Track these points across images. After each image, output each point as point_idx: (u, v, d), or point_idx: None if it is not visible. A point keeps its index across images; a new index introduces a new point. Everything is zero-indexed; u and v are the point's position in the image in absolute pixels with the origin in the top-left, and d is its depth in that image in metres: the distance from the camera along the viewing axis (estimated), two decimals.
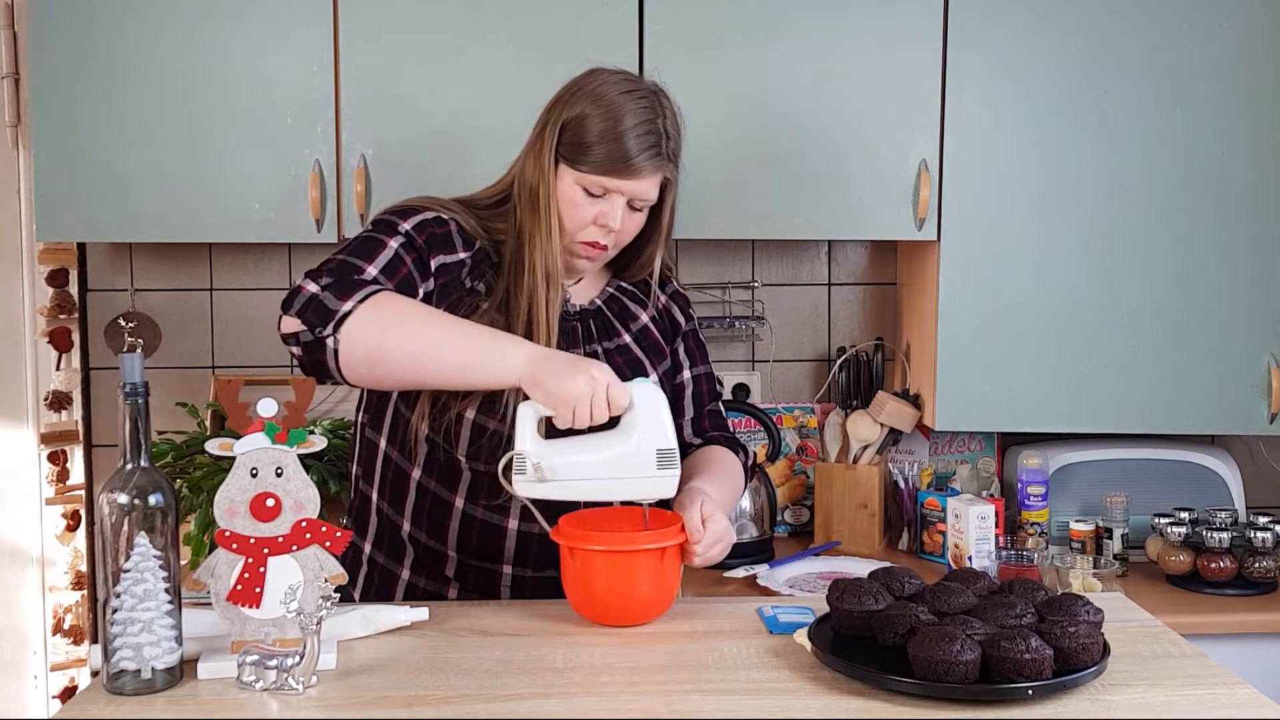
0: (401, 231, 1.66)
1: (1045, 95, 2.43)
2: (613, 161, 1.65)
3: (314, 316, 1.52)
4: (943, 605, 1.40)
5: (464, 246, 1.71)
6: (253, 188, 2.38)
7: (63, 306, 2.70)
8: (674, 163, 1.72)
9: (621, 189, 1.67)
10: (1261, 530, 2.38)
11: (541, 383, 1.48)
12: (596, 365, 1.49)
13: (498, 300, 1.69)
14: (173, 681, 1.32)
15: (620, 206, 1.68)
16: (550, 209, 1.68)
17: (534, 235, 1.68)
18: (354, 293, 1.53)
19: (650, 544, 1.51)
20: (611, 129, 1.65)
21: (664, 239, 1.80)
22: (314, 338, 1.52)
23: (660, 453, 1.50)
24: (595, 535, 1.53)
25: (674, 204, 1.77)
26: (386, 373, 1.55)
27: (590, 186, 1.67)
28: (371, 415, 1.77)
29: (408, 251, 1.65)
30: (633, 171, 1.66)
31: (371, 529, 1.78)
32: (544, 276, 1.67)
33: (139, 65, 2.35)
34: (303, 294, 1.53)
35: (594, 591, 1.52)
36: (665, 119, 1.69)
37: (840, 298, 2.87)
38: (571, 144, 1.67)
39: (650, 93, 1.70)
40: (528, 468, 1.50)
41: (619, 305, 1.82)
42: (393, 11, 2.37)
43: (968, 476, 2.69)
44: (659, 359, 1.82)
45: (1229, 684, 1.33)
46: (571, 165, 1.67)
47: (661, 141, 1.67)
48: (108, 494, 1.30)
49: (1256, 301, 2.45)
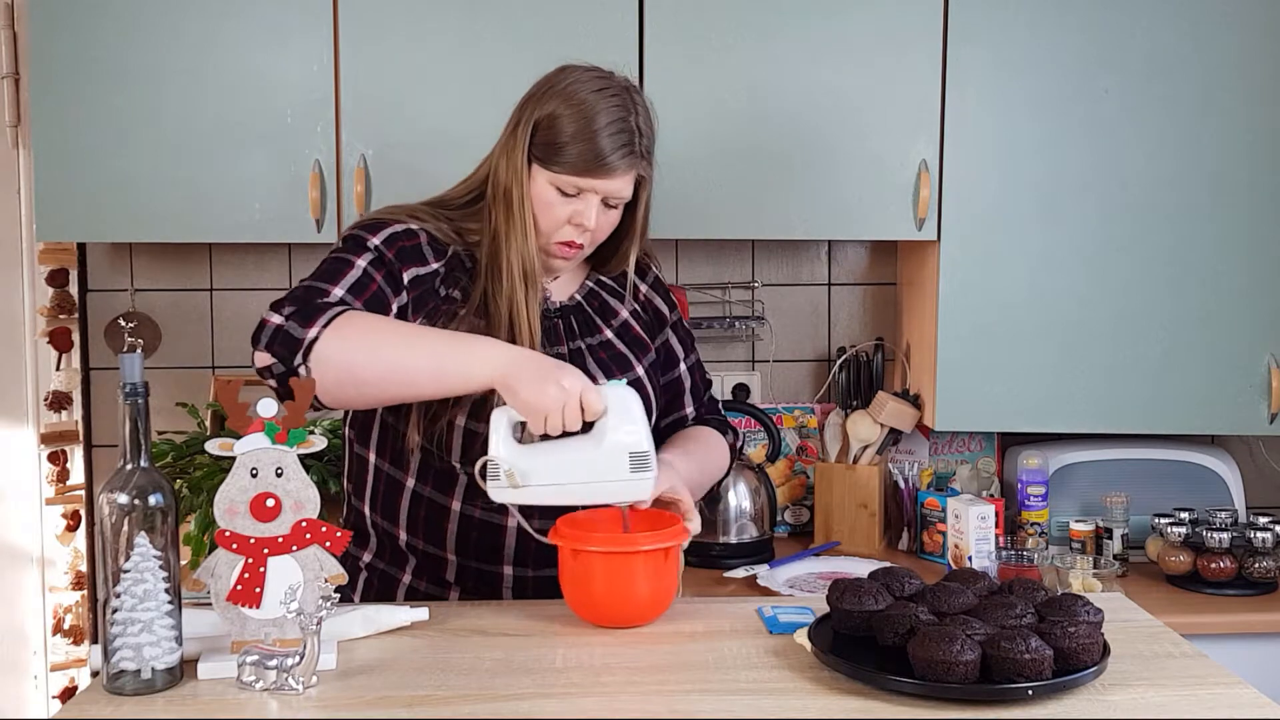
0: (370, 247, 1.65)
1: (1045, 94, 2.43)
2: (586, 161, 1.64)
3: (282, 348, 1.50)
4: (943, 605, 1.40)
5: (436, 256, 1.69)
6: (253, 188, 2.38)
7: (63, 306, 2.70)
8: (648, 160, 1.71)
9: (595, 188, 1.67)
10: (1261, 530, 2.38)
11: (513, 389, 1.48)
12: (569, 374, 1.48)
13: (476, 305, 1.68)
14: (173, 681, 1.32)
15: (594, 205, 1.68)
16: (525, 210, 1.67)
17: (510, 237, 1.67)
18: (318, 318, 1.51)
19: (650, 545, 1.51)
20: (584, 128, 1.64)
21: (639, 234, 1.79)
22: (286, 370, 1.50)
23: (633, 456, 1.50)
24: (594, 537, 1.53)
25: (649, 199, 1.77)
26: (358, 393, 1.54)
27: (564, 186, 1.67)
28: (358, 430, 1.76)
29: (377, 268, 1.63)
30: (606, 170, 1.65)
31: (372, 542, 1.77)
32: (522, 277, 1.66)
33: (139, 65, 2.35)
34: (268, 327, 1.52)
35: (593, 593, 1.52)
36: (638, 116, 1.68)
37: (840, 298, 2.87)
38: (544, 144, 1.66)
39: (622, 89, 1.69)
40: (500, 474, 1.51)
41: (599, 301, 1.82)
42: (392, 12, 2.37)
43: (968, 476, 2.69)
44: (643, 353, 1.81)
45: (1229, 684, 1.33)
46: (545, 166, 1.67)
47: (635, 139, 1.67)
48: (108, 494, 1.30)
49: (1256, 301, 2.45)
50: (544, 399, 1.46)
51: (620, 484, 1.51)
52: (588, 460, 1.51)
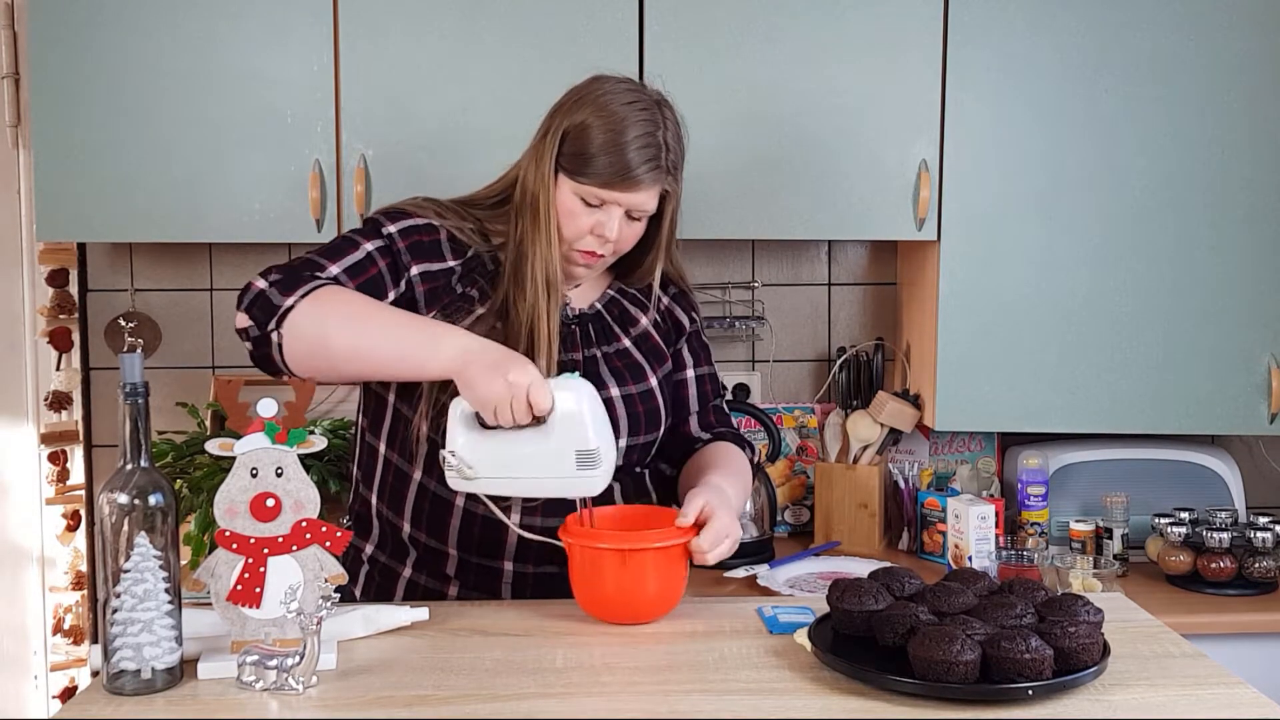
0: (384, 234, 1.68)
1: (1045, 95, 2.43)
2: (611, 174, 1.65)
3: (259, 312, 1.56)
4: (943, 605, 1.40)
5: (454, 254, 1.71)
6: (253, 188, 2.38)
7: (63, 306, 2.70)
8: (674, 175, 1.71)
9: (619, 200, 1.67)
10: (1261, 530, 2.38)
11: (466, 381, 1.51)
12: (519, 367, 1.50)
13: (497, 307, 1.69)
14: (173, 681, 1.32)
15: (617, 217, 1.68)
16: (550, 218, 1.68)
17: (534, 244, 1.68)
18: (299, 288, 1.56)
19: (659, 543, 1.52)
20: (611, 140, 1.64)
21: (665, 248, 1.80)
22: (260, 333, 1.55)
23: (580, 454, 1.51)
24: (604, 534, 1.54)
25: (675, 214, 1.77)
26: (329, 365, 1.56)
27: (588, 197, 1.67)
28: (371, 419, 1.78)
29: (383, 255, 1.66)
30: (630, 184, 1.66)
31: (375, 532, 1.78)
32: (545, 286, 1.67)
33: (139, 65, 2.35)
34: (251, 290, 1.58)
35: (603, 590, 1.52)
36: (666, 131, 1.68)
37: (840, 298, 2.87)
38: (571, 154, 1.67)
39: (653, 103, 1.69)
40: (453, 464, 1.53)
41: (619, 309, 1.82)
42: (393, 11, 2.37)
43: (968, 476, 2.69)
44: (659, 363, 1.82)
45: (1229, 684, 1.33)
46: (570, 176, 1.67)
47: (661, 154, 1.67)
48: (108, 494, 1.30)
49: (1256, 301, 2.45)
50: (492, 392, 1.49)
51: (567, 480, 1.53)
52: (537, 454, 1.53)
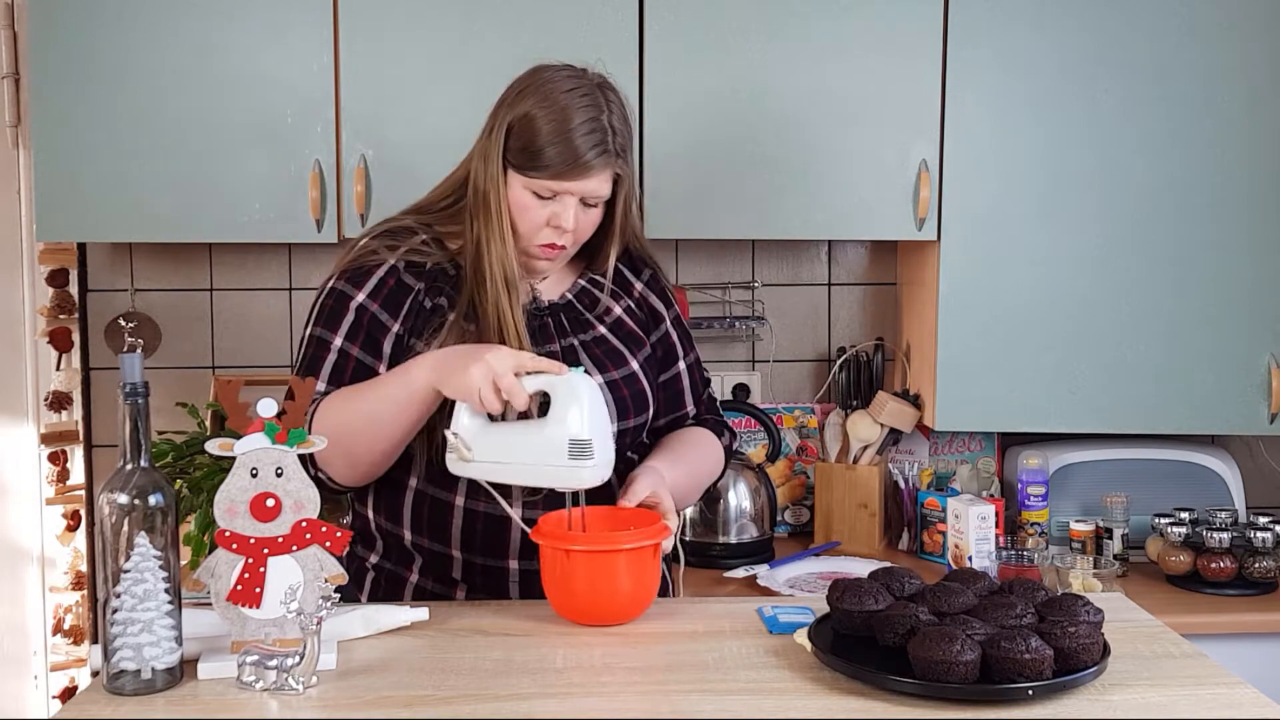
0: (353, 308, 1.69)
1: (1045, 95, 2.43)
2: (561, 164, 1.63)
3: None
4: (943, 605, 1.40)
5: (416, 278, 1.71)
6: (253, 188, 2.38)
7: (63, 306, 2.70)
8: (624, 157, 1.69)
9: (571, 189, 1.66)
10: (1261, 530, 2.38)
11: (444, 381, 1.54)
12: (495, 354, 1.51)
13: (464, 310, 1.69)
14: (173, 681, 1.32)
15: (572, 207, 1.67)
16: (502, 215, 1.68)
17: (489, 242, 1.68)
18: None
19: (630, 544, 1.52)
20: (557, 130, 1.63)
21: (619, 233, 1.78)
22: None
23: (573, 443, 1.52)
24: (575, 535, 1.54)
25: (629, 196, 1.76)
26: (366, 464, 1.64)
27: (540, 190, 1.66)
28: None
29: (354, 339, 1.67)
30: (581, 171, 1.64)
31: (378, 544, 1.78)
32: (504, 282, 1.68)
33: (139, 65, 2.35)
34: None
35: (574, 591, 1.52)
36: (611, 114, 1.66)
37: (840, 298, 2.87)
38: (519, 149, 1.65)
39: (594, 87, 1.67)
40: (455, 446, 1.56)
41: (590, 298, 1.81)
42: (393, 11, 2.37)
43: (968, 476, 2.69)
44: (638, 348, 1.81)
45: (1229, 684, 1.33)
46: (520, 172, 1.66)
47: (608, 137, 1.65)
48: (108, 494, 1.30)
49: (1256, 301, 2.45)
50: (466, 380, 1.51)
51: (560, 469, 1.53)
52: (532, 443, 1.54)
